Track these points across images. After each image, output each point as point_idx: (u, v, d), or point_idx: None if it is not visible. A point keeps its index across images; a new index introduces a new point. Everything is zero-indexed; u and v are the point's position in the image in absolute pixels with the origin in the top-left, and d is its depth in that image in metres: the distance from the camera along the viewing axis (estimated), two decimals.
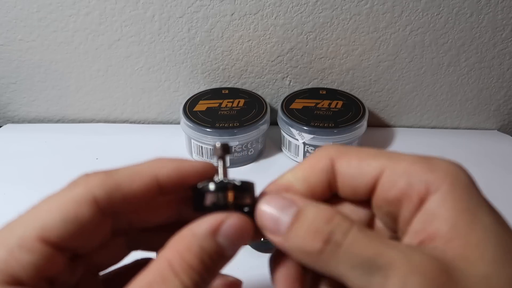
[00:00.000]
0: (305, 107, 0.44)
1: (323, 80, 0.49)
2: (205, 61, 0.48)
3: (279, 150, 0.47)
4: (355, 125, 0.41)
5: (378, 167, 0.18)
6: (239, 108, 0.44)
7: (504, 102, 0.51)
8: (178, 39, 0.46)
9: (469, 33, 0.46)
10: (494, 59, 0.48)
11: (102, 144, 0.47)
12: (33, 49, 0.46)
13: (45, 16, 0.44)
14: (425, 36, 0.46)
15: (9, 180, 0.41)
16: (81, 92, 0.50)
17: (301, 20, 0.45)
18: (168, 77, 0.49)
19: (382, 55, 0.47)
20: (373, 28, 0.45)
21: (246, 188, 0.19)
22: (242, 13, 0.44)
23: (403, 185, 0.17)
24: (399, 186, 0.17)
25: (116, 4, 0.43)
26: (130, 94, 0.50)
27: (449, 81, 0.49)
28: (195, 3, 0.43)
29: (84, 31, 0.45)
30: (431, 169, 0.17)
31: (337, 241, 0.16)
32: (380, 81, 0.49)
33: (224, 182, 0.19)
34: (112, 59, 0.47)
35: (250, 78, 0.49)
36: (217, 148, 0.20)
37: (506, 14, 0.44)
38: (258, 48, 0.47)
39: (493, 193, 0.41)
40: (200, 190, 0.18)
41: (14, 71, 0.48)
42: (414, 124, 0.53)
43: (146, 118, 0.52)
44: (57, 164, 0.43)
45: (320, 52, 0.47)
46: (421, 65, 0.48)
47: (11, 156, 0.44)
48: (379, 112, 0.52)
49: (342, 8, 0.44)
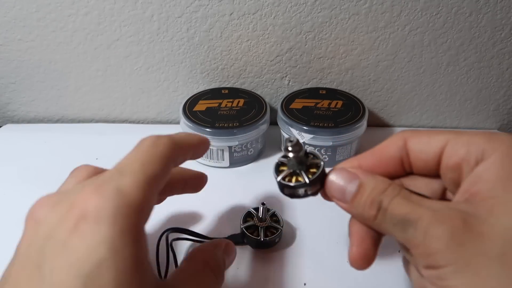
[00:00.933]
0: (305, 107, 0.44)
1: (322, 80, 0.50)
2: (204, 61, 0.48)
3: (279, 150, 0.47)
4: (355, 125, 0.41)
5: (444, 140, 0.21)
6: (238, 108, 0.44)
7: (503, 101, 0.51)
8: (177, 39, 0.46)
9: (468, 32, 0.46)
10: (493, 58, 0.48)
11: (102, 144, 0.47)
12: (32, 49, 0.46)
13: (44, 16, 0.44)
14: (424, 36, 0.46)
15: (9, 180, 0.41)
16: (80, 92, 0.50)
17: (300, 19, 0.45)
18: (167, 77, 0.49)
19: (381, 55, 0.47)
20: (372, 27, 0.45)
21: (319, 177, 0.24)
22: (241, 13, 0.44)
23: (463, 152, 0.20)
24: (460, 153, 0.20)
25: (115, 4, 0.43)
26: (129, 94, 0.50)
27: (448, 81, 0.49)
28: (193, 3, 0.43)
29: (83, 31, 0.45)
30: (490, 139, 0.19)
31: (384, 207, 0.20)
32: (379, 80, 0.49)
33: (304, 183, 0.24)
34: (111, 59, 0.47)
35: (249, 78, 0.49)
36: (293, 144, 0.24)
37: (505, 14, 0.44)
38: (257, 47, 0.47)
39: None
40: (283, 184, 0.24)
41: (13, 71, 0.48)
42: (414, 124, 0.53)
43: (146, 118, 0.52)
44: (57, 164, 0.43)
45: (319, 52, 0.47)
46: (420, 65, 0.48)
47: (11, 156, 0.44)
48: (378, 111, 0.52)
49: (341, 8, 0.44)
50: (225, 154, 0.42)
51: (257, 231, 0.31)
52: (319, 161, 0.25)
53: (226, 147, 0.41)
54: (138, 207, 0.19)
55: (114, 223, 0.18)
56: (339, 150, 0.42)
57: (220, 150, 0.41)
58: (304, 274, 0.30)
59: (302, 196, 0.25)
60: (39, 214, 0.20)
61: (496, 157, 0.19)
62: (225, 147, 0.41)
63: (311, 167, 0.25)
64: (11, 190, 0.39)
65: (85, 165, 0.24)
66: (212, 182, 0.31)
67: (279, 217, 0.33)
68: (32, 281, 0.17)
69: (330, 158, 0.43)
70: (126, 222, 0.18)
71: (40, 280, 0.17)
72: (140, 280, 0.18)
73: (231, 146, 0.41)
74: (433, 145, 0.21)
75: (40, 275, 0.17)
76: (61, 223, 0.18)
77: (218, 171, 0.43)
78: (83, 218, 0.18)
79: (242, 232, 0.32)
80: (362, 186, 0.22)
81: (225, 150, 0.42)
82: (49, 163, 0.44)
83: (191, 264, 0.24)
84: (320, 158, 0.25)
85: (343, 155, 0.43)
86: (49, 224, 0.19)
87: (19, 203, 0.39)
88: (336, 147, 0.42)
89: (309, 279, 0.30)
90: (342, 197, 0.22)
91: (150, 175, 0.20)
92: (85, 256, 0.17)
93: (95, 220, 0.18)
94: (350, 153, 0.43)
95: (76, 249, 0.17)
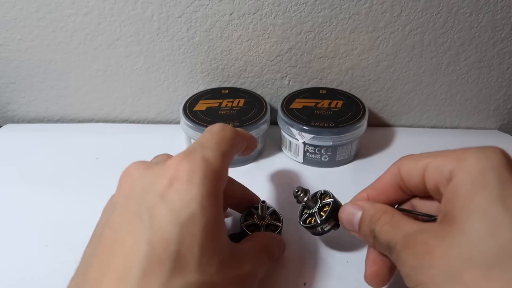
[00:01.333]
0: (305, 106, 0.44)
1: (322, 79, 0.49)
2: (204, 61, 0.48)
3: (279, 150, 0.47)
4: (355, 124, 0.41)
5: (424, 164, 0.23)
6: (239, 108, 0.44)
7: (504, 101, 0.51)
8: (177, 39, 0.46)
9: (468, 32, 0.46)
10: (493, 58, 0.48)
11: (102, 144, 0.46)
12: (32, 49, 0.46)
13: (44, 16, 0.44)
14: (424, 36, 0.46)
15: (9, 180, 0.41)
16: (81, 92, 0.50)
17: (300, 19, 0.45)
18: (167, 76, 0.49)
19: (381, 55, 0.47)
20: (372, 27, 0.45)
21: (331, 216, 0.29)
22: (241, 13, 0.44)
23: (437, 176, 0.22)
24: (435, 177, 0.22)
25: (115, 4, 0.43)
26: (129, 94, 0.50)
27: (448, 81, 0.49)
28: (194, 3, 0.43)
29: (83, 31, 0.45)
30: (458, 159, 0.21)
31: (376, 235, 0.23)
32: (379, 80, 0.49)
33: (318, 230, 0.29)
34: (111, 59, 0.47)
35: (249, 78, 0.49)
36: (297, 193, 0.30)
37: (505, 14, 0.44)
38: (257, 47, 0.47)
39: None
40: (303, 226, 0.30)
41: (14, 71, 0.48)
42: (414, 124, 0.53)
43: (146, 118, 0.52)
44: (57, 164, 0.43)
45: (319, 52, 0.47)
46: (420, 65, 0.48)
47: (11, 156, 0.44)
48: (378, 111, 0.52)
49: (341, 8, 0.44)
50: None
51: (258, 229, 0.31)
52: (330, 200, 0.29)
53: None
54: (219, 174, 0.22)
55: (203, 184, 0.21)
56: (339, 150, 0.42)
57: None
58: (304, 274, 0.30)
59: (322, 233, 0.29)
60: (135, 173, 0.23)
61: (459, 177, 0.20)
62: None
63: (324, 206, 0.29)
64: (11, 190, 0.39)
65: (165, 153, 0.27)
66: None
67: (279, 214, 0.33)
68: (132, 225, 0.20)
69: (330, 158, 0.43)
70: (211, 184, 0.21)
71: (141, 225, 0.20)
72: (220, 235, 0.22)
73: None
74: (417, 171, 0.23)
75: (140, 221, 0.20)
76: (157, 180, 0.21)
77: None
78: (177, 178, 0.21)
79: (243, 231, 0.32)
80: (362, 216, 0.25)
81: None
82: (49, 163, 0.43)
83: (253, 243, 0.27)
84: (331, 196, 0.29)
85: (343, 155, 0.43)
86: (145, 180, 0.22)
87: (19, 203, 0.39)
88: (336, 147, 0.42)
89: (309, 279, 0.30)
90: (353, 228, 0.26)
91: (225, 152, 0.24)
92: (180, 208, 0.20)
93: (188, 180, 0.21)
94: (350, 153, 0.43)
95: (173, 202, 0.20)
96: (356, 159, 0.45)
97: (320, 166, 0.43)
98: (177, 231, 0.19)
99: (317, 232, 0.29)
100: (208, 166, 0.22)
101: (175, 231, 0.19)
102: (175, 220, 0.20)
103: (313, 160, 0.43)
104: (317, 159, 0.43)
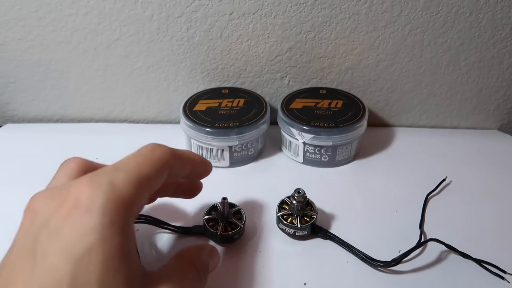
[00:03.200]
0: (305, 106, 0.44)
1: (322, 79, 0.49)
2: (204, 61, 0.48)
3: (279, 149, 0.47)
4: (355, 124, 0.41)
5: None
6: (239, 108, 0.44)
7: (503, 101, 0.51)
8: (177, 39, 0.46)
9: (468, 32, 0.46)
10: (493, 58, 0.48)
11: (102, 144, 0.47)
12: (32, 48, 0.46)
13: (44, 15, 0.44)
14: (424, 36, 0.46)
15: (9, 180, 0.41)
16: (80, 92, 0.50)
17: (300, 19, 0.45)
18: (167, 76, 0.49)
19: (381, 55, 0.47)
20: (372, 27, 0.45)
21: None
22: (241, 13, 0.44)
23: None
24: None
25: (115, 3, 0.43)
26: (129, 94, 0.50)
27: (448, 81, 0.49)
28: (194, 3, 0.43)
29: (83, 31, 0.45)
30: None
31: None
32: (379, 80, 0.49)
33: None
34: (111, 59, 0.47)
35: (249, 78, 0.49)
36: (300, 195, 0.32)
37: (505, 14, 0.44)
38: (257, 47, 0.47)
39: (493, 192, 0.42)
40: (280, 219, 0.33)
41: (13, 70, 0.48)
42: (414, 124, 0.53)
43: (146, 118, 0.52)
44: (57, 164, 0.43)
45: (319, 52, 0.47)
46: (420, 65, 0.48)
47: (11, 156, 0.44)
48: (378, 111, 0.52)
49: (341, 8, 0.44)
50: (225, 154, 0.42)
51: (218, 225, 0.32)
52: (314, 214, 0.33)
53: (226, 147, 0.41)
54: (127, 201, 0.20)
55: (104, 213, 0.19)
56: (339, 150, 0.42)
57: (220, 150, 0.41)
58: (304, 274, 0.30)
59: (290, 235, 0.33)
60: (38, 206, 0.21)
61: None
62: (225, 147, 0.41)
63: (306, 215, 0.33)
64: (11, 190, 0.39)
65: (74, 157, 0.26)
66: (213, 182, 0.31)
67: (243, 215, 0.33)
68: (26, 265, 0.19)
69: (330, 158, 0.43)
70: (115, 213, 0.19)
71: (34, 264, 0.18)
72: (126, 268, 0.19)
73: (231, 146, 0.41)
74: None
75: (33, 260, 0.18)
76: (55, 212, 0.19)
77: (218, 171, 0.43)
78: (76, 207, 0.19)
79: (204, 224, 0.32)
80: None
81: (225, 150, 0.42)
82: (49, 163, 0.43)
83: (178, 262, 0.25)
84: (316, 212, 0.33)
85: (343, 155, 0.43)
86: (45, 213, 0.20)
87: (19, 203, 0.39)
88: (336, 147, 0.42)
89: (309, 279, 0.30)
90: None
91: (143, 175, 0.22)
92: (76, 242, 0.18)
93: (87, 209, 0.19)
94: (350, 153, 0.43)
95: (67, 235, 0.18)
96: (356, 159, 0.45)
97: (320, 166, 0.43)
98: (71, 268, 0.18)
99: (286, 232, 0.33)
100: (112, 192, 0.20)
101: (67, 268, 0.18)
102: (67, 257, 0.18)
103: (313, 160, 0.43)
104: (317, 159, 0.43)
